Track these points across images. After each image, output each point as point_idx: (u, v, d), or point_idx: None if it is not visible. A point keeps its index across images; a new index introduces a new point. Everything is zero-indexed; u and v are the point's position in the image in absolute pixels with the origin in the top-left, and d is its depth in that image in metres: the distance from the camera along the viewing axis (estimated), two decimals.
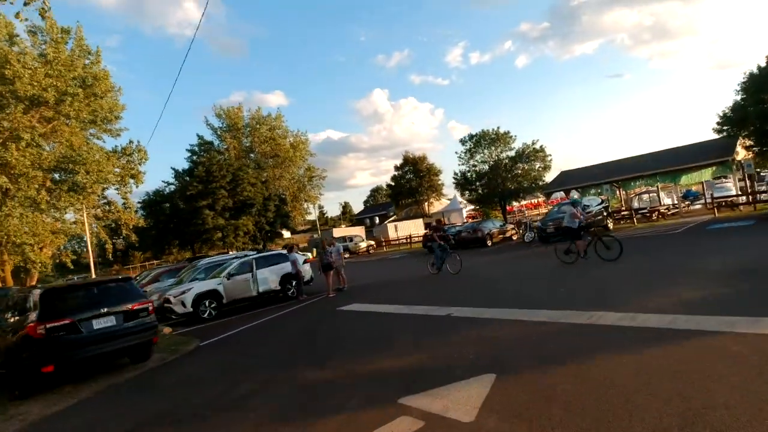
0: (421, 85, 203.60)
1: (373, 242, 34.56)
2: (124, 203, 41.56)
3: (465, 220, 57.05)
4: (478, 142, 33.49)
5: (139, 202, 51.15)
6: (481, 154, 34.00)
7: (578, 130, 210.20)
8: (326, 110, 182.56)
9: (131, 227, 44.07)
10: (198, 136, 55.96)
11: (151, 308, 8.65)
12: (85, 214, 37.48)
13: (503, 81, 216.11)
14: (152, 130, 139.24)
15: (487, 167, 34.13)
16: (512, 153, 33.72)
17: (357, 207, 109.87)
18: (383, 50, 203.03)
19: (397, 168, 59.37)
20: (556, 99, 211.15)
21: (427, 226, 53.62)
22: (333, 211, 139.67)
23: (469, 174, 34.87)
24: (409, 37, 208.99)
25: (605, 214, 23.62)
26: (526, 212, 52.39)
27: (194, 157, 51.69)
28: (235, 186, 48.87)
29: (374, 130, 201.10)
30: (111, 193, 57.08)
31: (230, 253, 20.56)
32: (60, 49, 30.14)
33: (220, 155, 51.02)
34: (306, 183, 62.61)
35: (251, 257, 15.14)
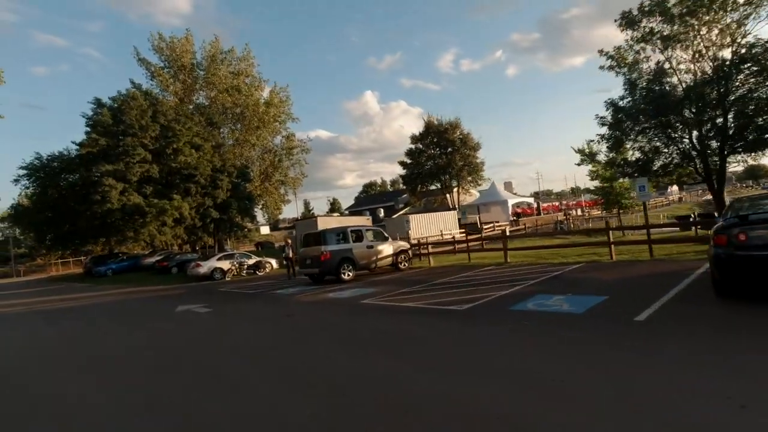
0: (411, 88, 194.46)
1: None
2: None
3: (511, 217, 39.43)
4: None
5: (21, 167, 32.53)
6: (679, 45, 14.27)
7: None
8: (316, 109, 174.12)
9: None
10: (131, 81, 37.35)
11: None
12: None
13: (493, 90, 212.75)
14: None
15: (693, 74, 14.57)
16: None
17: (347, 206, 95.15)
18: (375, 53, 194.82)
19: (415, 139, 41.24)
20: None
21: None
22: (321, 208, 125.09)
23: (635, 93, 14.88)
24: (401, 41, 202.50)
25: None
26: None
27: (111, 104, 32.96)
28: (165, 146, 30.64)
29: (363, 131, 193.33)
30: None
31: None
32: None
33: (148, 99, 32.65)
34: (284, 157, 44.43)
35: None
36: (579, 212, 39.00)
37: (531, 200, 45.60)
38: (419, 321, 7.17)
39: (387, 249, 14.86)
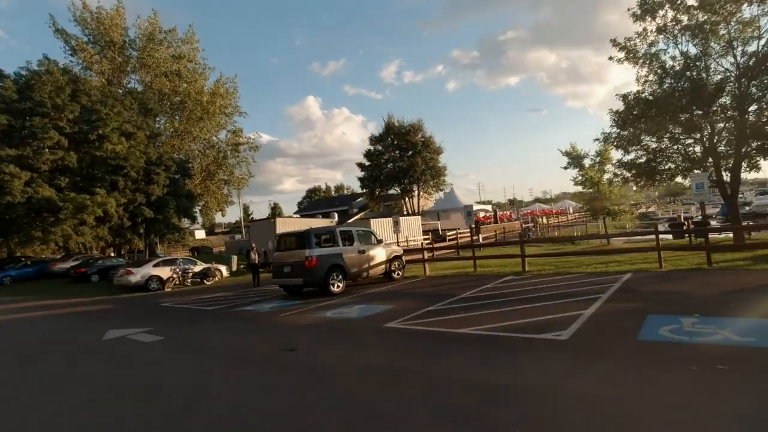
0: (354, 96, 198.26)
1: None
2: None
3: (471, 226, 38.13)
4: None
5: None
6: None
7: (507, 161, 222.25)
8: (256, 112, 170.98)
9: None
10: (45, 57, 30.75)
11: None
12: None
13: (434, 102, 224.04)
14: None
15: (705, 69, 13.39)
16: None
17: (287, 212, 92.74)
18: (319, 58, 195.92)
19: (374, 140, 38.82)
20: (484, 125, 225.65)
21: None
22: (261, 213, 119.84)
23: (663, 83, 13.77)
24: (345, 48, 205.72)
25: None
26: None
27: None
28: (88, 131, 25.73)
29: (305, 136, 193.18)
30: None
31: None
32: None
33: (67, 75, 27.49)
34: (229, 154, 40.10)
35: None
36: (545, 220, 38.76)
37: (489, 208, 44.94)
38: (526, 364, 4.66)
39: (380, 254, 12.21)
